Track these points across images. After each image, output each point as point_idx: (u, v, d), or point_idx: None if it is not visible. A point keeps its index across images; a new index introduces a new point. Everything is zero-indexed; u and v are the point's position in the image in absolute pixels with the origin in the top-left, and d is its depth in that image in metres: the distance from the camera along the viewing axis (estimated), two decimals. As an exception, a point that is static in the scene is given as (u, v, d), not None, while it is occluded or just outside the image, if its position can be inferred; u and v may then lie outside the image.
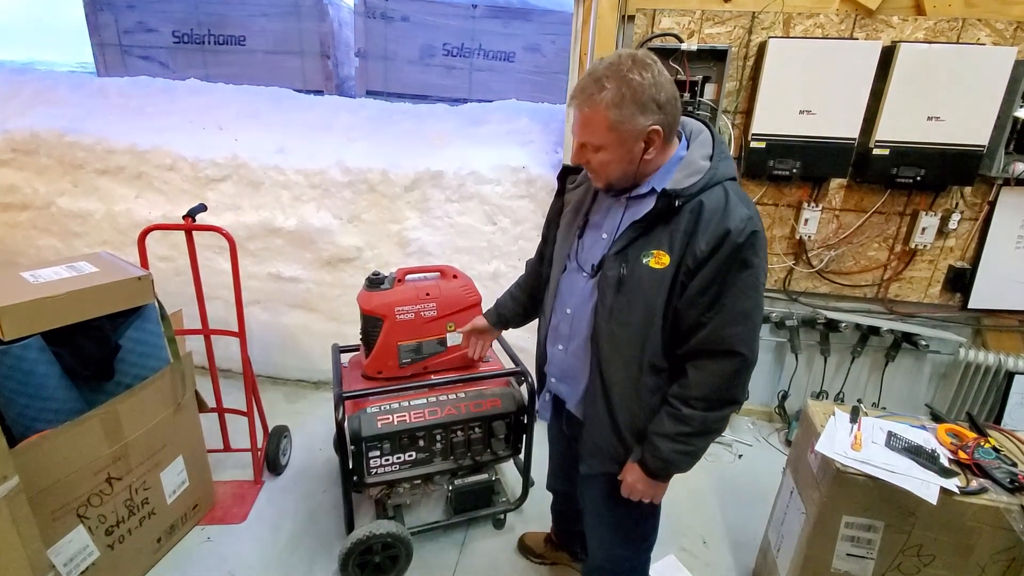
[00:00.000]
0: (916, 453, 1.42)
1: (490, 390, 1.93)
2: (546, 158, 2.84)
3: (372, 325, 1.87)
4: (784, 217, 2.47)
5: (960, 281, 2.41)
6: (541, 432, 1.93)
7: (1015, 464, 1.41)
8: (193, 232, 2.04)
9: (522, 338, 1.68)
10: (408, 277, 1.93)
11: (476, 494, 2.02)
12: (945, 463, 1.40)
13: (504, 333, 1.77)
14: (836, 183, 2.39)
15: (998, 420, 2.47)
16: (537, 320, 1.59)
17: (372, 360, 1.89)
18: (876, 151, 2.20)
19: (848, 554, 1.50)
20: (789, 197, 2.44)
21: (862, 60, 2.11)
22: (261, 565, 1.93)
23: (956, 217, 2.31)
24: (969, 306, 2.45)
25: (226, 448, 2.36)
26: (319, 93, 4.21)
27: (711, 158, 1.11)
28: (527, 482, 2.08)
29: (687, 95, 2.22)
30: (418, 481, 1.92)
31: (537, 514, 2.13)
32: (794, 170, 2.26)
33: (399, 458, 1.80)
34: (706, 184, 1.07)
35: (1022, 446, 1.50)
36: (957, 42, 2.15)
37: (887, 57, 2.12)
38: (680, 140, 1.16)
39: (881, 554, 1.47)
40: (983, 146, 2.14)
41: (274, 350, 2.98)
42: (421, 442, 1.82)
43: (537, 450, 2.02)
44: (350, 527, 1.86)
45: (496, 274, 2.78)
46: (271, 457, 2.29)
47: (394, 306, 1.84)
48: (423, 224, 2.82)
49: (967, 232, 2.38)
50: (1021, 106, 2.09)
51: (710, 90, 2.28)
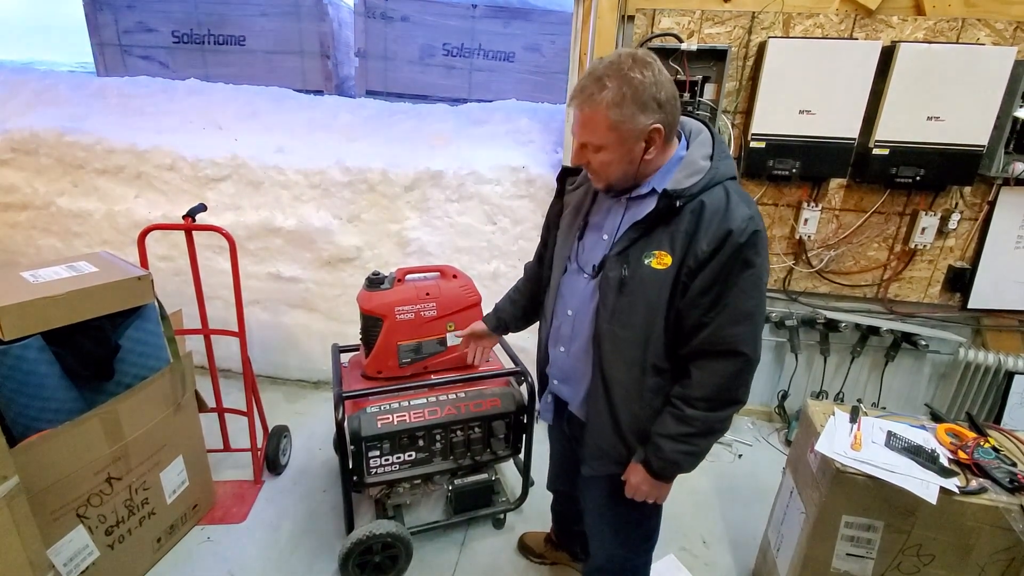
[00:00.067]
0: (916, 453, 1.42)
1: (490, 390, 1.93)
2: (546, 158, 2.84)
3: (372, 325, 1.88)
4: (784, 217, 2.47)
5: (960, 281, 2.41)
6: (541, 432, 1.93)
7: (1015, 464, 1.42)
8: (193, 232, 2.04)
9: (522, 338, 1.68)
10: (408, 277, 1.94)
11: (476, 494, 2.02)
12: (945, 463, 1.40)
13: (504, 333, 1.76)
14: (836, 183, 2.39)
15: (998, 420, 2.47)
16: (537, 321, 1.60)
17: (372, 360, 1.89)
18: (876, 151, 2.20)
19: (848, 554, 1.50)
20: (789, 197, 2.44)
21: (862, 60, 2.11)
22: (261, 565, 1.93)
23: (956, 217, 2.31)
24: (969, 306, 2.45)
25: (226, 448, 2.36)
26: (319, 93, 4.21)
27: (711, 158, 1.11)
28: (527, 482, 2.08)
29: (687, 95, 2.22)
30: (418, 481, 1.92)
31: (537, 514, 2.13)
32: (794, 170, 2.26)
33: (399, 458, 1.80)
34: (707, 184, 1.07)
35: (1022, 446, 1.50)
36: (957, 42, 2.15)
37: (887, 57, 2.12)
38: (679, 140, 1.16)
39: (881, 554, 1.47)
40: (983, 146, 2.14)
41: (274, 350, 2.98)
42: (421, 442, 1.82)
43: (537, 450, 2.02)
44: (350, 527, 1.86)
45: (496, 274, 2.78)
46: (271, 457, 2.29)
47: (394, 306, 1.84)
48: (423, 224, 2.82)
49: (967, 232, 2.38)
50: (1021, 106, 2.10)
51: (710, 90, 2.28)
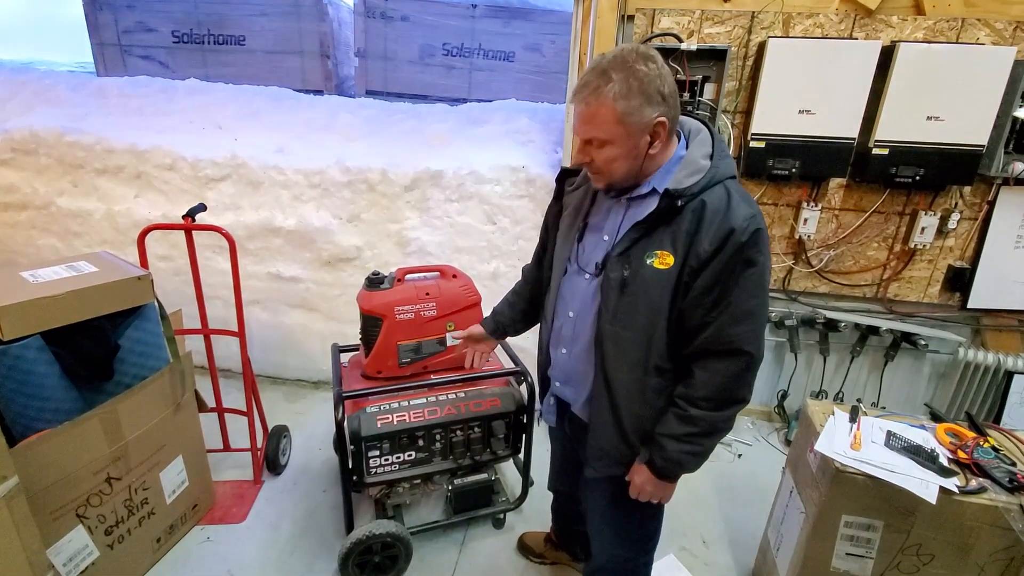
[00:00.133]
0: (915, 452, 1.42)
1: (490, 390, 1.93)
2: (546, 158, 2.84)
3: (372, 325, 1.88)
4: (783, 217, 2.47)
5: (959, 281, 2.41)
6: (541, 432, 1.93)
7: (1014, 463, 1.42)
8: (193, 232, 2.04)
9: (522, 337, 1.68)
10: (408, 277, 1.94)
11: (476, 494, 2.02)
12: (944, 462, 1.40)
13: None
14: (835, 183, 2.39)
15: (997, 420, 2.47)
16: (536, 324, 1.59)
17: (372, 360, 1.89)
18: (875, 151, 2.20)
19: (847, 553, 1.50)
20: (788, 197, 2.44)
21: (861, 60, 2.11)
22: (261, 565, 1.93)
23: (955, 217, 2.32)
24: (968, 306, 2.45)
25: (226, 448, 2.36)
26: (319, 93, 4.21)
27: (711, 157, 1.10)
28: (527, 482, 2.08)
29: (687, 95, 2.22)
30: (418, 481, 1.92)
31: (537, 514, 2.13)
32: (793, 170, 2.26)
33: (399, 458, 1.80)
34: (708, 183, 1.07)
35: (1021, 446, 1.50)
36: (956, 42, 2.16)
37: (886, 57, 2.12)
38: (679, 140, 1.16)
39: (880, 553, 1.48)
40: (982, 146, 2.14)
41: (274, 350, 2.98)
42: (421, 442, 1.82)
43: (537, 450, 2.02)
44: (350, 527, 1.86)
45: (496, 274, 2.78)
46: (271, 457, 2.29)
47: (394, 306, 1.84)
48: (423, 224, 2.82)
49: (966, 232, 2.38)
50: (1020, 106, 2.10)
51: (710, 90, 2.28)
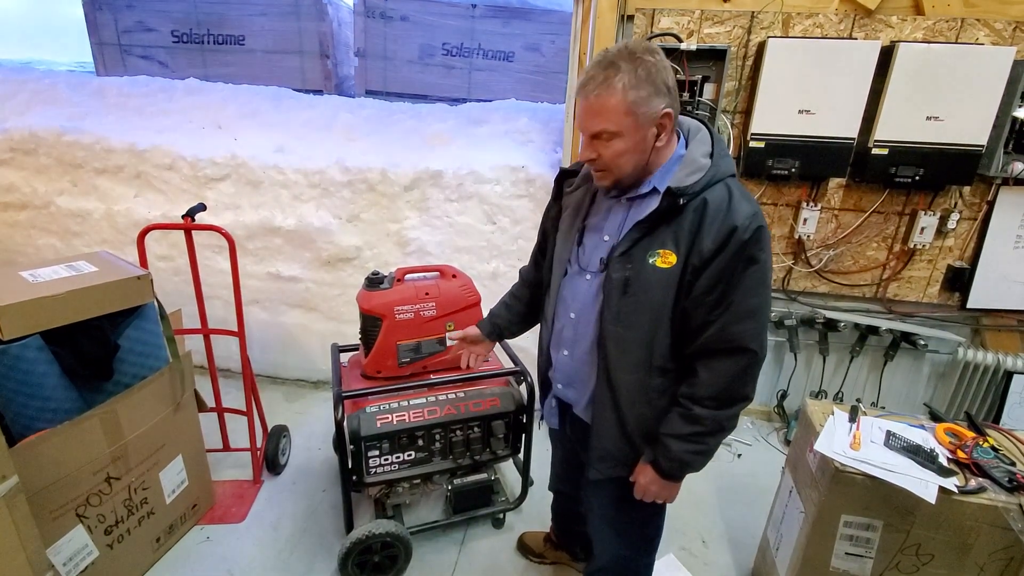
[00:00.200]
0: (915, 452, 1.42)
1: (489, 389, 1.93)
2: (545, 158, 2.84)
3: (371, 324, 1.88)
4: (783, 217, 2.48)
5: (959, 281, 2.42)
6: (541, 432, 1.94)
7: (1013, 463, 1.42)
8: (192, 231, 2.04)
9: (522, 337, 1.68)
10: (407, 276, 1.93)
11: (475, 493, 2.02)
12: (944, 462, 1.40)
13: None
14: (835, 183, 2.39)
15: (997, 419, 2.47)
16: (534, 326, 1.58)
17: (371, 359, 1.89)
18: (875, 151, 2.20)
19: (847, 553, 1.50)
20: (788, 197, 2.44)
21: (861, 60, 2.12)
22: (260, 564, 1.93)
23: (955, 217, 2.32)
24: (968, 306, 2.45)
25: (225, 448, 2.36)
26: (318, 93, 4.20)
27: (711, 156, 1.11)
28: (526, 481, 2.08)
29: (686, 95, 2.22)
30: (417, 480, 1.92)
31: (536, 513, 2.13)
32: (793, 170, 2.26)
33: (398, 457, 1.80)
34: (709, 181, 1.07)
35: (1021, 445, 1.50)
36: (956, 42, 2.16)
37: (886, 57, 2.12)
38: (678, 139, 1.16)
39: (880, 553, 1.48)
40: (982, 146, 2.14)
41: (273, 349, 2.98)
42: (420, 441, 1.82)
43: (537, 449, 2.03)
44: (349, 526, 1.86)
45: (495, 273, 2.78)
46: (270, 456, 2.29)
47: (393, 305, 1.84)
48: (422, 223, 2.82)
49: (966, 232, 2.38)
50: (1020, 106, 2.10)
51: (709, 90, 2.28)
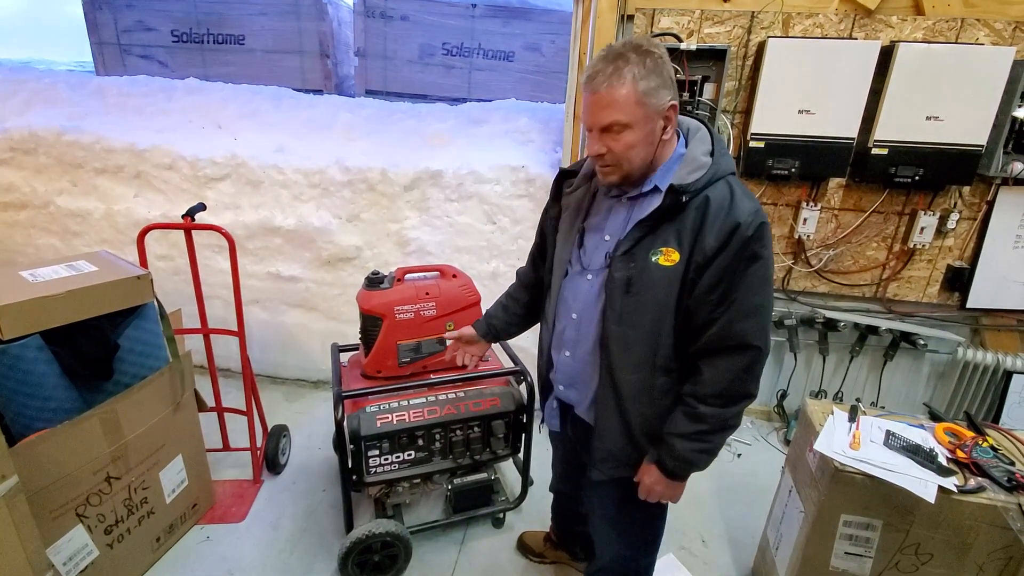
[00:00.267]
0: (914, 452, 1.42)
1: (489, 389, 1.93)
2: (545, 157, 2.84)
3: (371, 324, 1.88)
4: (783, 216, 2.48)
5: (958, 280, 2.42)
6: (541, 433, 1.94)
7: (1013, 463, 1.42)
8: (192, 231, 2.04)
9: (522, 337, 1.68)
10: (407, 276, 1.94)
11: (475, 493, 2.02)
12: (943, 462, 1.41)
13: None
14: (835, 183, 2.39)
15: (996, 419, 2.47)
16: (531, 327, 1.58)
17: (371, 359, 1.89)
18: (875, 151, 2.20)
19: (847, 552, 1.51)
20: (788, 196, 2.44)
21: (861, 60, 2.12)
22: (260, 564, 1.93)
23: (955, 216, 2.32)
24: (967, 305, 2.45)
25: (225, 447, 2.36)
26: (318, 92, 4.20)
27: (711, 154, 1.11)
28: (526, 481, 2.08)
29: (686, 95, 2.23)
30: (417, 480, 1.92)
31: (536, 513, 2.13)
32: (793, 169, 2.26)
33: (398, 457, 1.80)
34: (710, 179, 1.07)
35: (1020, 445, 1.50)
36: (956, 42, 2.16)
37: (886, 57, 2.12)
38: (678, 138, 1.16)
39: (879, 552, 1.48)
40: (982, 146, 2.14)
41: (273, 349, 2.98)
42: (420, 441, 1.82)
43: (536, 449, 2.03)
44: (349, 526, 1.86)
45: (495, 273, 2.78)
46: (270, 456, 2.29)
47: (393, 305, 1.84)
48: (422, 223, 2.82)
49: (965, 231, 2.39)
50: (1020, 106, 2.10)
51: (709, 90, 2.28)
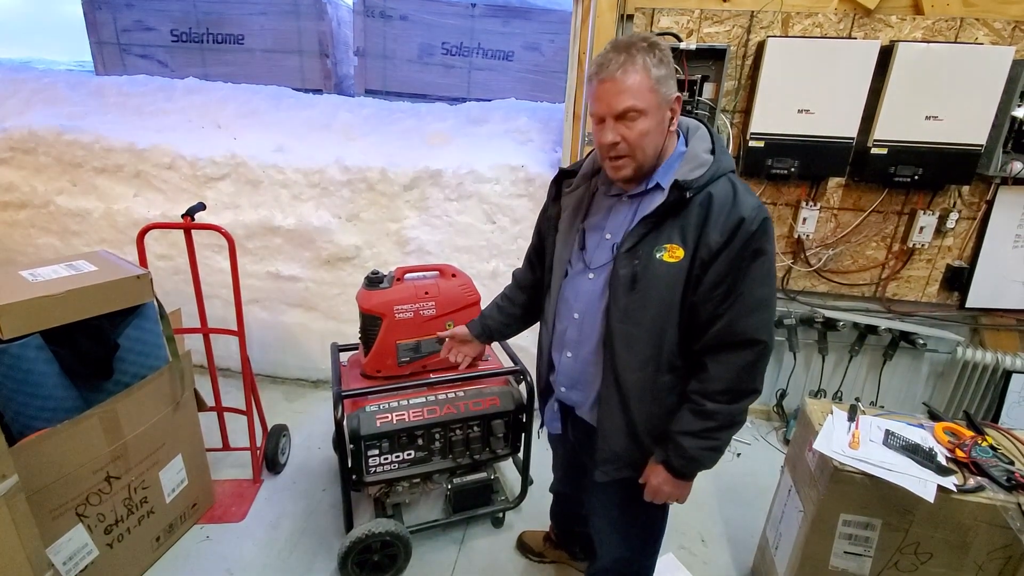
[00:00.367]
0: (914, 451, 1.43)
1: (489, 389, 1.93)
2: (545, 157, 2.84)
3: (371, 324, 1.88)
4: (782, 216, 2.48)
5: (958, 280, 2.42)
6: (540, 438, 1.93)
7: (1012, 462, 1.42)
8: (192, 231, 2.04)
9: (522, 337, 1.68)
10: (407, 276, 1.94)
11: (475, 493, 2.02)
12: (942, 461, 1.41)
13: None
14: (834, 182, 2.39)
15: (996, 419, 2.47)
16: (527, 328, 1.58)
17: (371, 359, 1.89)
18: (874, 150, 2.20)
19: (846, 552, 1.51)
20: (787, 196, 2.45)
21: (860, 59, 2.12)
22: (260, 564, 1.94)
23: (954, 216, 2.32)
24: (967, 305, 2.46)
25: (225, 447, 2.36)
26: (318, 92, 4.20)
27: (711, 152, 1.12)
28: (526, 481, 2.08)
29: (686, 94, 2.23)
30: (417, 480, 1.92)
31: (536, 512, 2.13)
32: (792, 169, 2.26)
33: (398, 457, 1.81)
34: (712, 176, 1.08)
35: (1019, 445, 1.50)
36: (955, 41, 2.16)
37: (885, 56, 2.12)
38: (678, 137, 1.17)
39: (879, 552, 1.48)
40: (981, 145, 2.14)
41: (273, 349, 2.98)
42: (420, 441, 1.82)
43: (536, 448, 2.03)
44: (349, 526, 1.86)
45: (495, 273, 2.78)
46: (270, 456, 2.29)
47: (393, 305, 1.84)
48: (422, 223, 2.82)
49: (965, 231, 2.39)
50: (1019, 105, 2.10)
51: (709, 89, 2.28)
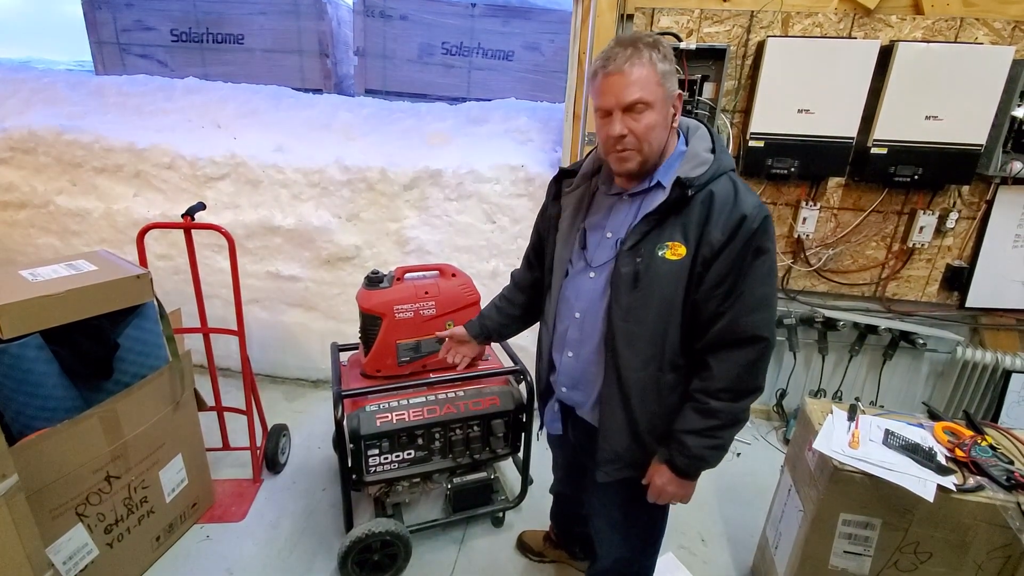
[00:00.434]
0: (913, 451, 1.43)
1: (489, 388, 1.93)
2: (544, 157, 2.84)
3: (371, 323, 1.88)
4: (782, 216, 2.48)
5: (958, 280, 2.42)
6: (539, 440, 1.93)
7: (1011, 462, 1.42)
8: (192, 231, 2.04)
9: (522, 337, 1.68)
10: (407, 276, 1.94)
11: (475, 492, 2.02)
12: (942, 461, 1.41)
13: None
14: (834, 182, 2.39)
15: (995, 418, 2.48)
16: (525, 329, 1.58)
17: (371, 358, 1.90)
18: (874, 150, 2.20)
19: (846, 551, 1.51)
20: (787, 196, 2.45)
21: (860, 59, 2.12)
22: (260, 563, 1.94)
23: (954, 216, 2.32)
24: (966, 305, 2.46)
25: (225, 447, 2.36)
26: (318, 92, 4.20)
27: (712, 151, 1.12)
28: (526, 480, 2.08)
29: (686, 94, 2.22)
30: (417, 479, 1.92)
31: (536, 512, 2.13)
32: (792, 169, 2.26)
33: (398, 456, 1.81)
34: (714, 174, 1.08)
35: (1019, 444, 1.50)
36: (955, 41, 2.16)
37: (885, 56, 2.12)
38: (678, 136, 1.17)
39: (878, 551, 1.48)
40: (981, 145, 2.14)
41: (273, 349, 2.98)
42: (420, 440, 1.82)
43: (536, 448, 2.03)
44: (349, 525, 1.86)
45: (495, 272, 2.78)
46: (270, 455, 2.30)
47: (393, 304, 1.84)
48: (422, 223, 2.82)
49: (965, 231, 2.39)
50: (1019, 105, 2.10)
51: (709, 89, 2.28)
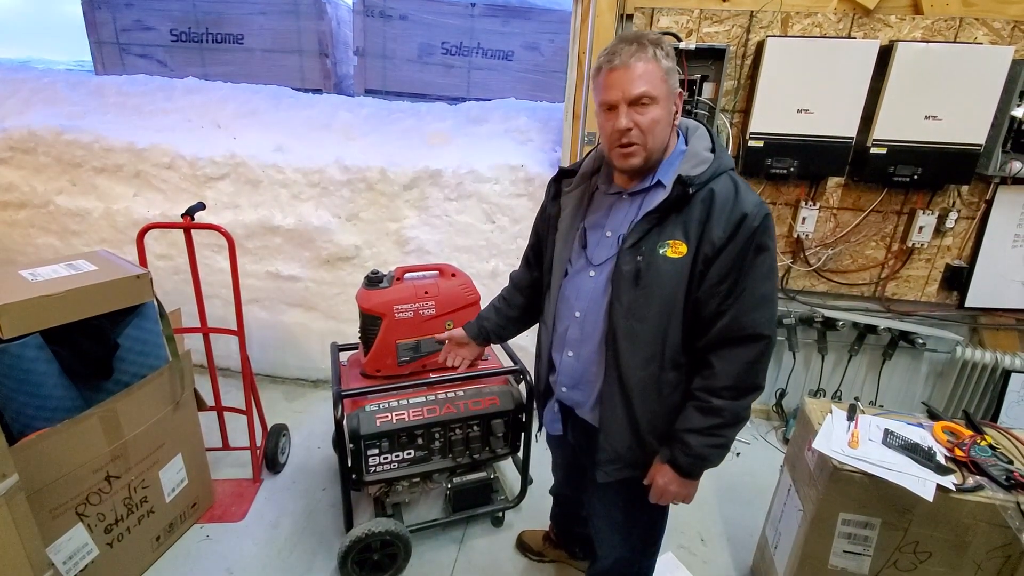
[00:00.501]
0: (913, 451, 1.43)
1: (488, 388, 1.93)
2: (544, 157, 2.84)
3: (371, 323, 1.88)
4: (782, 216, 2.48)
5: (957, 279, 2.42)
6: (538, 442, 1.93)
7: (1011, 461, 1.42)
8: (192, 230, 2.04)
9: (522, 336, 1.68)
10: (407, 275, 1.94)
11: (475, 492, 2.02)
12: (941, 460, 1.41)
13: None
14: (834, 182, 2.40)
15: (995, 418, 2.48)
16: (524, 331, 1.57)
17: (371, 358, 1.90)
18: (874, 150, 2.20)
19: (845, 551, 1.51)
20: (787, 196, 2.45)
21: (860, 59, 2.12)
22: (260, 563, 1.94)
23: (953, 216, 2.32)
24: (966, 304, 2.46)
25: (225, 446, 2.37)
26: (318, 92, 4.20)
27: (711, 150, 1.12)
28: (526, 480, 2.09)
29: (686, 94, 2.22)
30: (417, 479, 1.92)
31: (536, 512, 2.13)
32: (792, 169, 2.26)
33: (398, 456, 1.81)
34: (714, 173, 1.08)
35: (1018, 444, 1.50)
36: (955, 41, 2.16)
37: (885, 56, 2.13)
38: (678, 136, 1.17)
39: (878, 551, 1.48)
40: (980, 145, 2.14)
41: (273, 348, 2.98)
42: (420, 440, 1.82)
43: (536, 448, 2.03)
44: (349, 525, 1.86)
45: (495, 272, 2.78)
46: (270, 455, 2.30)
47: (393, 304, 1.84)
48: (422, 223, 2.83)
49: (964, 231, 2.39)
50: (1018, 105, 2.10)
51: (708, 89, 2.28)
